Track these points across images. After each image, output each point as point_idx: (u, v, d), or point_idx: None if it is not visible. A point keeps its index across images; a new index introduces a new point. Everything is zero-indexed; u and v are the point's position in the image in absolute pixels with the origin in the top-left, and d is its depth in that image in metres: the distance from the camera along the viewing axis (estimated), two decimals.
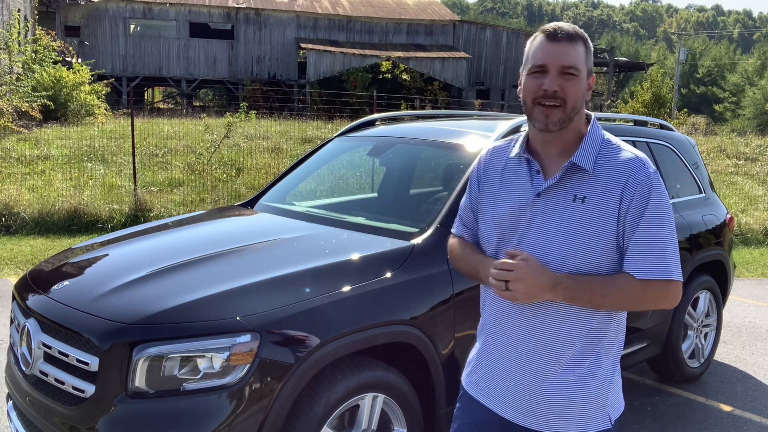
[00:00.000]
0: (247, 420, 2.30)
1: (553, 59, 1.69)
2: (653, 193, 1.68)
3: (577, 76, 1.70)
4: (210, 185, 10.84)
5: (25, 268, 6.84)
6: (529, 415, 1.79)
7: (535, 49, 1.73)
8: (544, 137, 1.78)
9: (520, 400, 1.80)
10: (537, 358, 1.76)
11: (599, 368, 1.76)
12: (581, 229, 1.70)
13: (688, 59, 51.45)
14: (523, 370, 1.78)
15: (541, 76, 1.71)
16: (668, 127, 4.81)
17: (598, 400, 1.76)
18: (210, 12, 31.11)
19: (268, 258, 2.89)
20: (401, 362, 2.76)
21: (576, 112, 1.73)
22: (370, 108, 19.11)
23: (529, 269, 1.65)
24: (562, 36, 1.70)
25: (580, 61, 1.71)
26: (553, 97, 1.69)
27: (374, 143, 4.09)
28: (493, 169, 1.90)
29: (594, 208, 1.69)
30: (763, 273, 8.35)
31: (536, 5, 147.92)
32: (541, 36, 1.73)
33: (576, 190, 1.72)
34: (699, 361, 4.57)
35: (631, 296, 1.68)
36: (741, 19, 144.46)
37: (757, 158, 16.37)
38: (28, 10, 23.98)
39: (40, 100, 15.14)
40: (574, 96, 1.70)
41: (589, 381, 1.75)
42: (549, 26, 1.74)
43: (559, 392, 1.75)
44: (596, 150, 1.74)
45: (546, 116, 1.71)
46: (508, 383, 1.82)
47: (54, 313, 2.54)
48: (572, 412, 1.75)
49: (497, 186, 1.87)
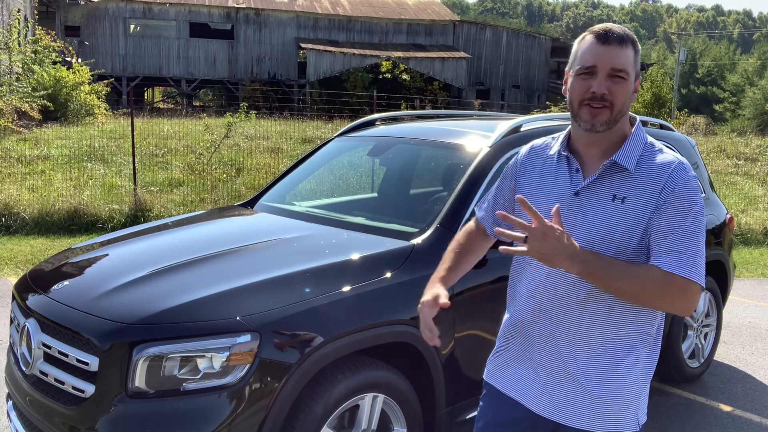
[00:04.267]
0: (247, 420, 2.29)
1: (603, 61, 1.68)
2: (691, 197, 1.67)
3: (625, 79, 1.70)
4: (210, 185, 10.83)
5: (25, 268, 6.84)
6: (561, 410, 1.78)
7: (584, 51, 1.72)
8: (588, 137, 1.77)
9: (555, 394, 1.79)
10: (578, 353, 1.76)
11: (635, 371, 1.76)
12: (618, 228, 1.69)
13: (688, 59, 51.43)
14: (560, 363, 1.78)
15: (590, 78, 1.70)
16: (668, 127, 4.81)
17: (632, 402, 1.77)
18: (210, 12, 31.11)
19: (268, 258, 2.88)
20: (401, 362, 2.76)
21: (622, 115, 1.73)
22: (370, 108, 19.11)
23: (553, 230, 1.59)
24: (612, 38, 1.69)
25: (629, 64, 1.70)
26: (601, 100, 1.69)
27: (374, 143, 4.09)
28: (530, 166, 1.90)
29: (632, 209, 1.69)
30: (763, 273, 8.34)
31: (536, 5, 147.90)
32: (591, 37, 1.72)
33: (615, 189, 1.71)
34: (699, 361, 4.57)
35: (651, 287, 1.63)
36: (741, 19, 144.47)
37: (757, 158, 16.37)
38: (28, 11, 23.98)
39: (40, 100, 15.14)
40: (622, 99, 1.70)
41: (626, 382, 1.75)
42: (599, 27, 1.72)
43: (597, 389, 1.75)
44: (639, 151, 1.74)
45: (593, 116, 1.71)
46: (542, 376, 1.81)
47: (54, 313, 2.54)
48: (608, 411, 1.75)
49: (534, 185, 1.86)
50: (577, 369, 1.76)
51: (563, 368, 1.78)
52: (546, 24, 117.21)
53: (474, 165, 3.24)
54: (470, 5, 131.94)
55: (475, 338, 3.00)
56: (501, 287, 3.13)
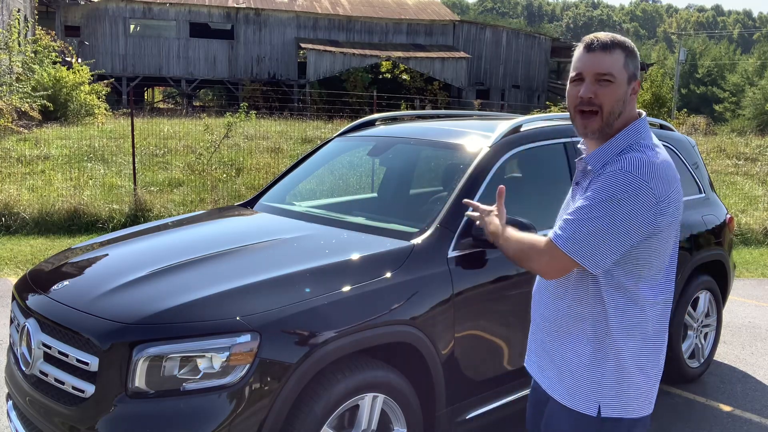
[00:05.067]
0: (247, 420, 2.30)
1: (588, 68, 1.81)
2: (600, 182, 1.76)
3: (612, 82, 1.79)
4: (210, 185, 10.83)
5: (25, 268, 6.84)
6: (545, 380, 2.00)
7: (575, 60, 1.86)
8: (588, 141, 1.92)
9: (542, 365, 2.02)
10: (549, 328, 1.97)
11: (586, 349, 1.86)
12: None
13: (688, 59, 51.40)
14: (542, 337, 2.01)
15: (579, 84, 1.83)
16: (668, 127, 4.81)
17: (585, 382, 1.86)
18: (210, 12, 31.11)
19: (268, 258, 2.89)
20: (401, 362, 2.76)
21: (615, 117, 1.82)
22: (370, 108, 19.10)
23: (485, 215, 2.06)
24: (597, 46, 1.81)
25: (616, 67, 1.80)
26: (588, 104, 1.81)
27: (374, 143, 4.09)
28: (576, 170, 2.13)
29: None
30: (763, 273, 8.34)
31: (536, 5, 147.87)
32: (580, 47, 1.86)
33: (586, 184, 1.86)
34: (699, 361, 4.57)
35: (521, 248, 1.89)
36: (741, 19, 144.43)
37: (757, 158, 16.36)
38: (28, 10, 23.98)
39: (39, 100, 15.14)
40: (610, 101, 1.80)
41: (573, 357, 1.88)
42: (587, 37, 1.86)
43: (555, 361, 1.94)
44: (611, 154, 1.82)
45: (584, 126, 1.84)
46: (538, 353, 2.04)
47: (54, 313, 2.54)
48: (561, 383, 1.92)
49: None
50: (548, 342, 1.98)
51: (542, 342, 2.01)
52: (546, 24, 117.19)
53: (474, 165, 3.24)
54: (470, 5, 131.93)
55: (475, 338, 3.00)
56: (501, 287, 3.15)
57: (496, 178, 3.26)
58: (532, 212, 3.11)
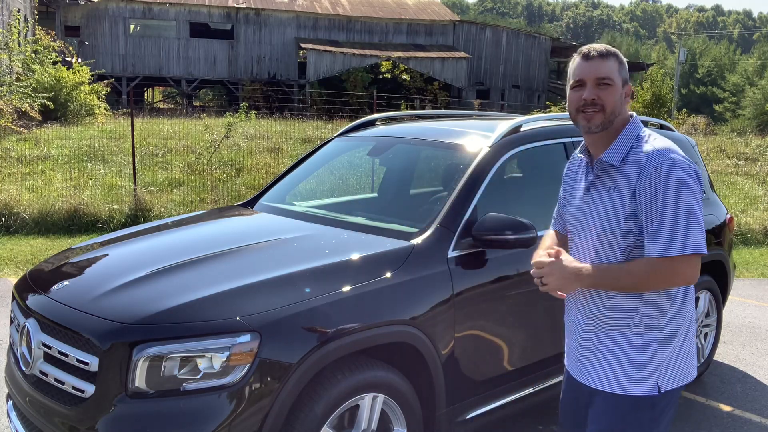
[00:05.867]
0: (247, 420, 2.30)
1: (588, 74, 2.00)
2: (662, 176, 1.89)
3: (611, 85, 1.99)
4: (210, 185, 10.83)
5: (25, 268, 6.84)
6: (584, 373, 2.09)
7: (573, 68, 2.05)
8: (590, 138, 2.07)
9: (581, 360, 2.11)
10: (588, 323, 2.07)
11: (638, 339, 1.98)
12: (616, 213, 1.98)
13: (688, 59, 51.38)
14: (580, 335, 2.11)
15: (581, 89, 2.02)
16: (668, 127, 4.81)
17: (642, 368, 1.97)
18: (210, 12, 31.11)
19: (268, 258, 2.89)
20: (401, 362, 2.76)
21: (615, 116, 2.01)
22: (370, 108, 19.11)
23: (556, 265, 1.97)
24: (594, 55, 2.00)
25: (613, 72, 2.00)
26: (592, 105, 1.99)
27: (374, 143, 4.09)
28: (571, 171, 2.25)
29: (620, 197, 1.97)
30: (763, 273, 8.34)
31: (536, 5, 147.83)
32: (578, 57, 2.04)
33: (609, 182, 2.01)
34: (699, 361, 4.57)
35: (644, 277, 1.90)
36: (741, 19, 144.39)
37: (757, 158, 16.36)
38: (28, 10, 23.98)
39: (40, 100, 15.14)
40: (611, 102, 1.99)
41: (628, 347, 1.99)
42: (583, 48, 2.05)
43: (606, 356, 2.02)
44: (627, 146, 2.00)
45: (588, 121, 2.01)
46: (575, 349, 2.14)
47: (54, 313, 2.54)
48: (615, 375, 2.00)
49: (570, 188, 2.22)
50: (587, 338, 2.08)
51: (581, 339, 2.11)
52: (546, 24, 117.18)
53: (474, 165, 3.24)
54: (470, 5, 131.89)
55: (475, 338, 3.00)
56: (501, 287, 3.15)
57: (496, 178, 3.26)
58: (531, 212, 3.12)
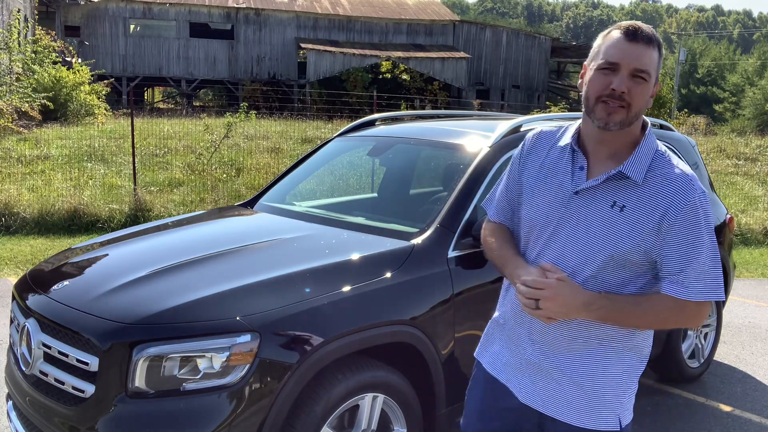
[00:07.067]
0: (247, 420, 2.29)
1: (628, 59, 1.63)
2: (700, 215, 1.64)
3: (647, 81, 1.65)
4: (210, 185, 10.83)
5: (25, 268, 6.84)
6: (548, 405, 1.81)
7: (609, 45, 1.66)
8: (599, 136, 1.72)
9: (541, 389, 1.82)
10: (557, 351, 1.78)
11: (616, 368, 1.77)
12: (615, 234, 1.67)
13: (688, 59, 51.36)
14: (542, 361, 1.81)
15: (611, 74, 1.65)
16: (668, 127, 4.81)
17: (611, 399, 1.77)
18: (210, 12, 31.10)
19: (268, 258, 2.88)
20: (401, 362, 2.76)
21: (637, 117, 1.68)
22: (370, 108, 19.11)
23: (563, 289, 1.63)
24: (641, 36, 1.64)
25: (653, 66, 1.66)
26: (619, 98, 1.64)
27: (374, 143, 4.09)
28: (536, 155, 1.85)
29: (632, 218, 1.65)
30: (763, 273, 8.34)
31: (536, 5, 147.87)
32: (618, 32, 1.67)
33: (616, 196, 1.68)
34: (699, 361, 4.57)
35: (664, 317, 1.67)
36: (741, 19, 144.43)
37: (757, 158, 16.36)
38: (28, 11, 23.97)
39: (40, 100, 15.14)
40: (641, 101, 1.66)
41: (603, 378, 1.76)
42: (627, 23, 1.68)
43: (573, 385, 1.77)
44: (648, 160, 1.69)
45: (608, 114, 1.65)
46: (530, 373, 1.84)
47: (54, 313, 2.54)
48: (583, 406, 1.77)
49: (535, 177, 1.83)
50: (555, 366, 1.78)
51: (552, 364, 1.79)
52: (546, 24, 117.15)
53: (474, 165, 3.24)
54: (470, 5, 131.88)
55: (475, 338, 2.99)
56: (500, 287, 3.14)
57: (496, 177, 3.26)
58: None
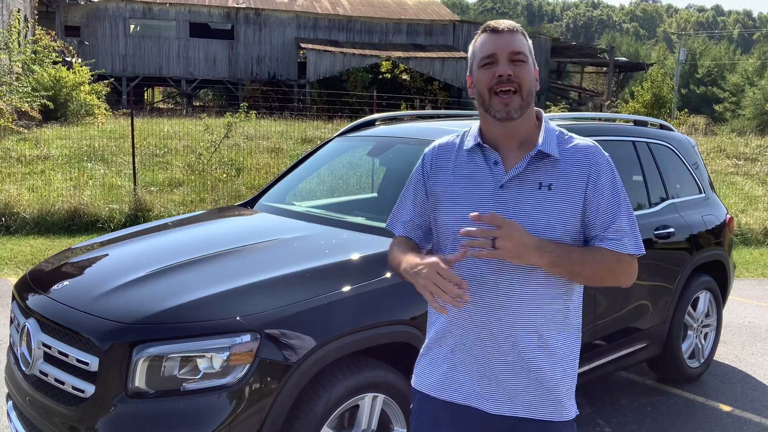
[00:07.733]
0: (247, 420, 2.30)
1: (501, 47, 1.75)
2: (616, 176, 1.80)
3: (525, 62, 1.76)
4: (210, 185, 10.84)
5: (25, 268, 6.84)
6: (500, 402, 1.77)
7: (480, 45, 1.80)
8: (504, 129, 1.79)
9: (491, 388, 1.78)
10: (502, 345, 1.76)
11: (562, 359, 1.78)
12: (548, 214, 1.74)
13: (688, 59, 51.36)
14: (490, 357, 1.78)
15: (492, 66, 1.76)
16: (668, 127, 4.81)
17: (568, 387, 1.80)
18: (210, 12, 31.11)
19: (268, 258, 2.89)
20: (401, 362, 2.76)
21: (531, 98, 1.78)
22: (370, 108, 19.11)
23: (518, 229, 1.65)
24: (503, 28, 1.78)
25: (525, 48, 1.78)
26: (508, 82, 1.73)
27: (374, 143, 4.09)
28: (444, 164, 1.87)
29: (560, 194, 1.74)
30: (763, 273, 8.35)
31: (536, 5, 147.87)
32: (483, 33, 1.81)
33: (541, 178, 1.76)
34: (699, 361, 4.57)
35: (605, 268, 1.75)
36: (741, 19, 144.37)
37: (756, 158, 16.37)
38: (28, 11, 23.98)
39: (40, 100, 15.14)
40: (527, 80, 1.76)
41: (553, 369, 1.76)
42: (488, 23, 1.82)
43: (539, 377, 1.76)
44: (555, 139, 1.80)
45: (505, 104, 1.74)
46: (480, 375, 1.79)
47: (54, 313, 2.54)
48: (548, 398, 1.77)
49: (450, 183, 1.83)
50: (503, 362, 1.76)
51: (505, 359, 1.76)
52: (546, 24, 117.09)
53: None
54: (470, 5, 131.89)
55: None
56: None
57: None
58: None
